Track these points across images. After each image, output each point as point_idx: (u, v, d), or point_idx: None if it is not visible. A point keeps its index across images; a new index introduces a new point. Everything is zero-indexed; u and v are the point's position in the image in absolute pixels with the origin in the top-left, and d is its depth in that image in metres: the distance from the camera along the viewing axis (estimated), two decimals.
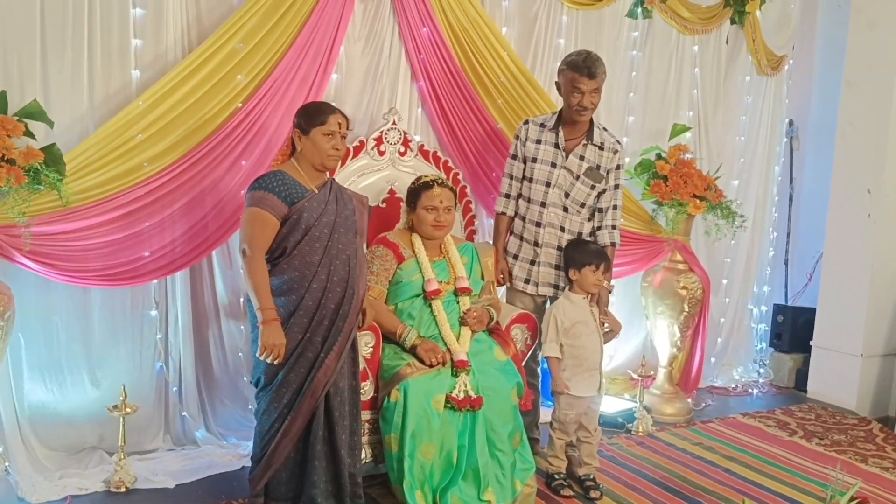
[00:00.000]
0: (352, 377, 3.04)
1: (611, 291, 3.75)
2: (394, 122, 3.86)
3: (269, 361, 2.84)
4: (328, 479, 2.96)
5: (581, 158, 3.68)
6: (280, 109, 3.57)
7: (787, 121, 5.73)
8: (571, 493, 3.46)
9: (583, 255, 3.54)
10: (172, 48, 3.46)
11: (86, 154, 3.19)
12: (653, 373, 4.62)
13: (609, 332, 3.64)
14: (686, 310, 4.53)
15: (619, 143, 3.77)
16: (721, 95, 5.25)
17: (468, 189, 4.13)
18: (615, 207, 3.76)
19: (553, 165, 3.68)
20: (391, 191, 3.84)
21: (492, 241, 3.92)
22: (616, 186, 3.74)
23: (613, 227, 3.76)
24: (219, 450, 3.66)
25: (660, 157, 4.60)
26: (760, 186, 5.56)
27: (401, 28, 3.93)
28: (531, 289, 3.77)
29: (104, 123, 3.27)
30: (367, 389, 3.24)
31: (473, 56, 4.04)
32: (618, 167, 3.73)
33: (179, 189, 3.41)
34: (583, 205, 3.72)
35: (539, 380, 3.98)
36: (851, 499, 2.44)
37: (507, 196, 3.81)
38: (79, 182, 3.17)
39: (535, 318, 3.69)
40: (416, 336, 3.29)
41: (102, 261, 3.30)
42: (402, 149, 3.88)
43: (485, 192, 4.23)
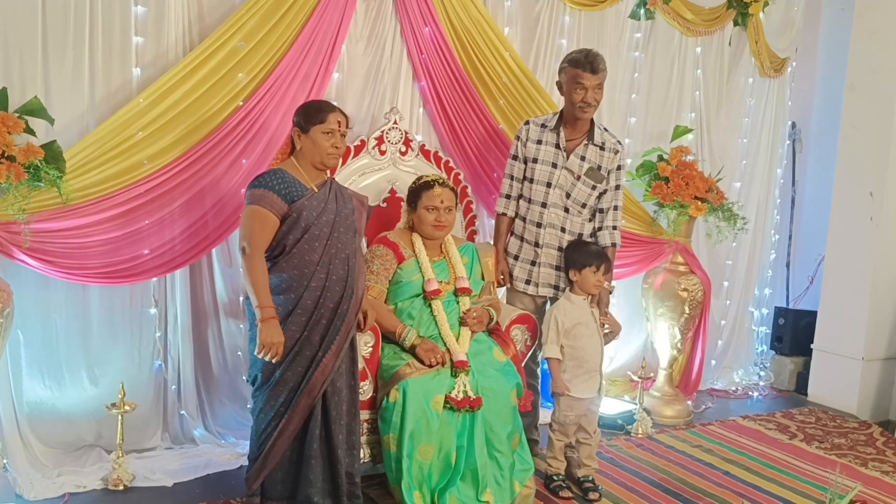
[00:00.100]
0: (350, 376, 3.03)
1: (611, 292, 3.75)
2: (395, 122, 3.85)
3: (268, 359, 2.84)
4: (325, 479, 2.95)
5: (582, 159, 3.67)
6: (281, 108, 3.56)
7: (790, 123, 5.72)
8: (570, 495, 3.45)
9: (583, 256, 3.53)
10: (174, 46, 3.45)
11: (86, 151, 3.19)
12: (653, 375, 4.61)
13: (609, 334, 3.64)
14: (687, 312, 4.52)
15: (620, 144, 3.76)
16: (723, 97, 5.23)
17: (469, 189, 4.12)
18: (616, 208, 3.75)
19: (554, 166, 3.67)
20: (392, 190, 3.83)
21: (492, 242, 3.91)
22: (617, 187, 3.74)
23: (614, 228, 3.75)
24: (217, 449, 3.66)
25: (661, 159, 4.59)
26: (762, 189, 5.54)
27: (403, 28, 3.93)
28: (531, 289, 3.76)
29: (105, 121, 3.27)
30: (367, 389, 3.23)
31: (475, 56, 4.03)
32: (619, 168, 3.72)
33: (179, 187, 3.40)
34: (584, 205, 3.71)
35: (539, 381, 3.97)
36: (851, 502, 2.43)
37: (508, 197, 3.80)
38: (79, 179, 3.16)
39: (536, 319, 3.68)
40: (416, 336, 3.28)
41: (102, 258, 3.30)
42: (404, 148, 3.88)
43: (486, 193, 4.22)
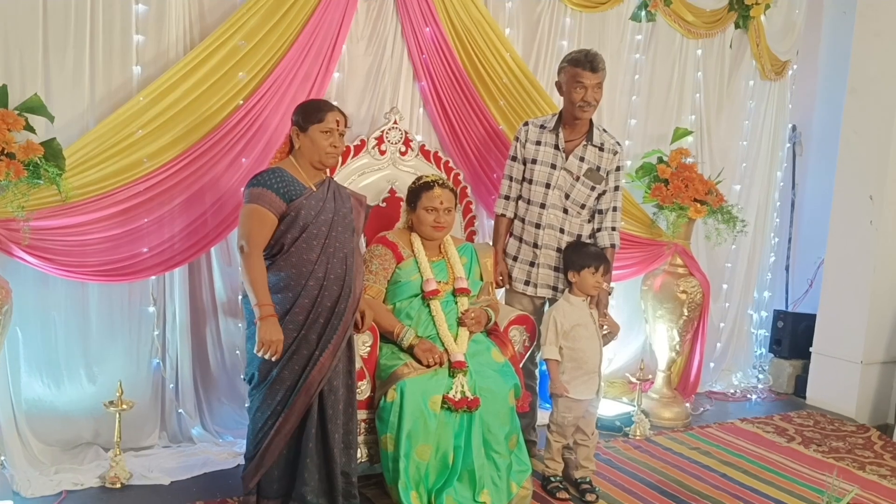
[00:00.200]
0: (347, 376, 3.03)
1: (610, 293, 3.75)
2: (395, 122, 3.85)
3: (267, 358, 2.84)
4: (320, 478, 2.95)
5: (581, 160, 3.67)
6: (281, 107, 3.56)
7: (791, 126, 5.72)
8: (567, 496, 3.45)
9: (582, 258, 3.53)
10: (174, 45, 3.45)
11: (86, 149, 3.19)
12: (651, 377, 4.61)
13: (608, 334, 3.63)
14: (685, 314, 4.52)
15: (619, 145, 3.75)
16: (724, 100, 5.23)
17: (469, 190, 4.12)
18: (615, 209, 3.75)
19: (553, 167, 3.67)
20: (391, 190, 3.83)
21: (491, 243, 3.91)
22: (616, 188, 3.74)
23: (613, 229, 3.75)
24: (214, 447, 3.66)
25: (661, 161, 4.59)
26: (762, 191, 5.55)
27: (403, 28, 3.93)
28: (530, 290, 3.76)
29: (105, 119, 3.27)
30: (364, 389, 3.23)
31: (476, 56, 4.03)
32: (618, 168, 3.72)
33: (179, 185, 3.40)
34: (583, 206, 3.71)
35: (537, 382, 3.97)
36: None
37: (507, 198, 3.80)
38: (78, 177, 3.16)
39: (534, 320, 3.68)
40: (414, 336, 3.28)
41: (101, 256, 3.30)
42: (403, 148, 3.88)
43: (485, 193, 4.22)
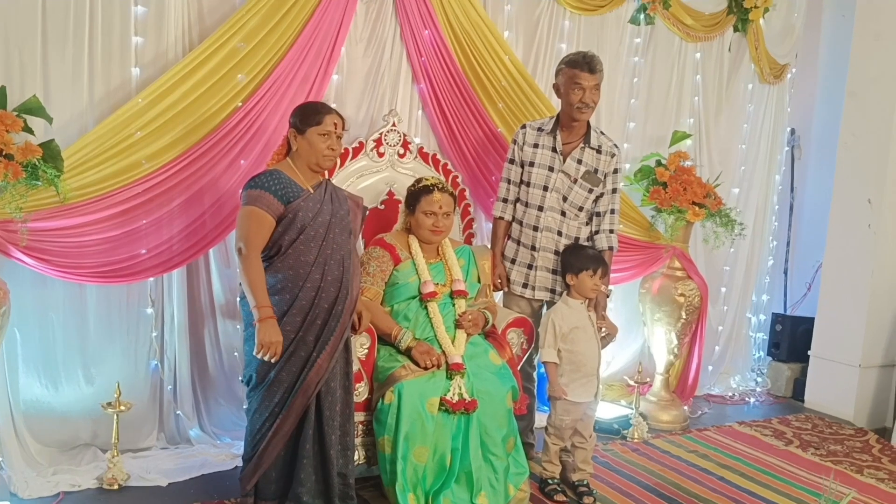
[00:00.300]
0: (344, 377, 3.03)
1: (608, 296, 3.75)
2: (394, 124, 3.86)
3: (267, 359, 2.84)
4: (317, 479, 2.96)
5: (578, 162, 3.67)
6: (280, 109, 3.56)
7: (789, 130, 5.73)
8: (565, 499, 3.45)
9: (580, 260, 3.53)
10: (173, 46, 3.46)
11: (84, 150, 3.19)
12: (649, 380, 4.61)
13: (606, 336, 3.63)
14: (683, 317, 4.52)
15: (617, 147, 3.76)
16: (723, 103, 5.24)
17: (467, 192, 4.12)
18: (613, 211, 3.75)
19: (550, 169, 3.67)
20: (390, 192, 3.84)
21: (489, 245, 3.91)
22: (614, 190, 3.74)
23: (611, 232, 3.75)
24: (212, 449, 3.66)
25: (660, 164, 4.59)
26: (761, 195, 5.55)
27: (402, 30, 3.94)
28: (528, 293, 3.76)
29: (103, 120, 3.27)
30: (362, 391, 3.23)
31: (475, 59, 4.04)
32: (615, 171, 3.72)
33: (177, 187, 3.40)
34: (580, 208, 3.71)
35: (535, 384, 3.97)
36: None
37: (505, 201, 3.80)
38: (77, 178, 3.16)
39: (532, 323, 3.68)
40: (412, 338, 3.29)
41: (99, 257, 3.30)
42: (402, 151, 3.88)
43: (484, 196, 4.22)
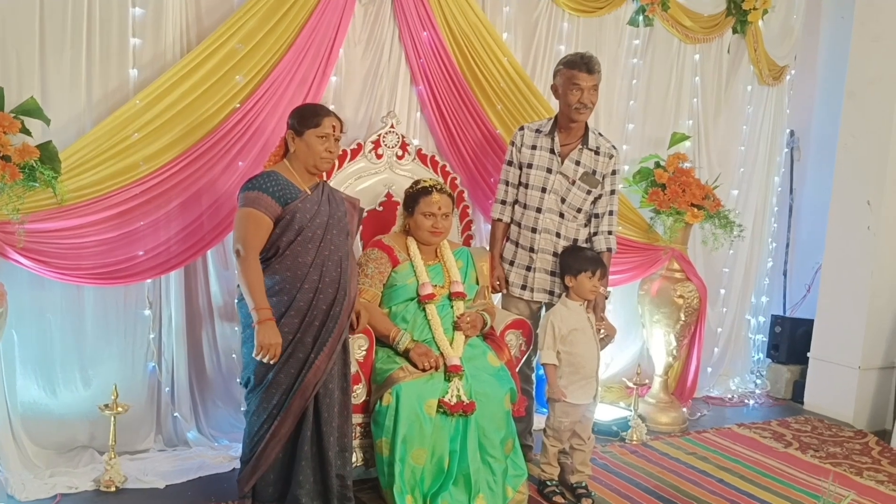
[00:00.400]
0: (342, 379, 3.03)
1: (607, 297, 3.74)
2: (392, 126, 3.85)
3: (266, 361, 2.84)
4: (315, 481, 2.96)
5: (577, 163, 3.67)
6: (278, 111, 3.56)
7: (788, 131, 5.73)
8: (563, 501, 3.44)
9: (579, 262, 3.52)
10: (171, 48, 3.45)
11: (82, 152, 3.19)
12: (648, 381, 4.60)
13: (605, 338, 3.62)
14: (682, 319, 4.51)
15: (615, 148, 3.76)
16: (722, 105, 5.23)
17: (466, 194, 4.12)
18: (611, 213, 3.75)
19: (549, 171, 3.67)
20: (388, 194, 3.84)
21: (488, 248, 3.91)
22: (612, 192, 3.74)
23: (610, 233, 3.74)
24: (210, 451, 3.65)
25: (658, 166, 4.59)
26: (760, 197, 5.54)
27: (401, 32, 3.93)
28: (527, 295, 3.76)
29: (101, 122, 3.26)
30: (360, 393, 3.23)
31: (473, 61, 4.03)
32: (613, 172, 3.72)
33: (175, 188, 3.40)
34: (579, 210, 3.71)
35: (533, 386, 3.96)
36: None
37: (504, 202, 3.80)
38: (74, 180, 3.16)
39: (530, 325, 3.67)
40: (410, 340, 3.29)
41: (97, 259, 3.29)
42: (400, 152, 3.88)
43: (483, 198, 4.21)
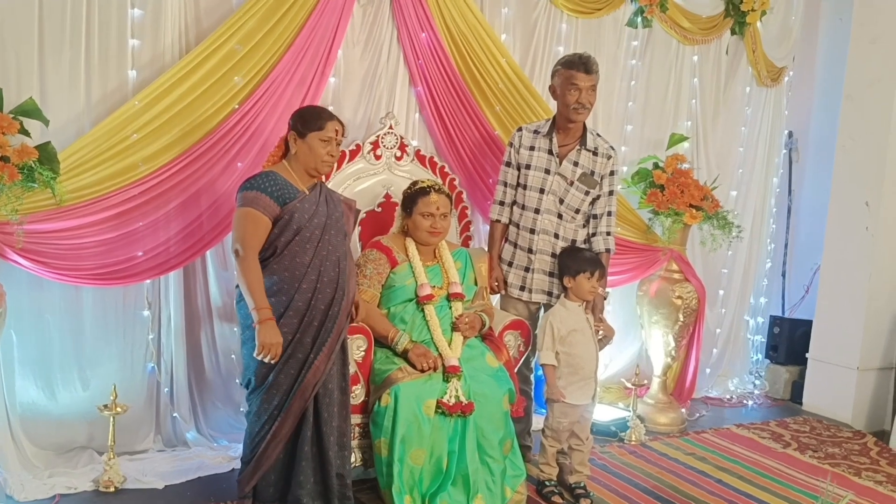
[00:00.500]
0: (341, 378, 3.04)
1: (605, 298, 3.75)
2: (391, 127, 3.86)
3: (267, 361, 2.84)
4: (316, 480, 2.96)
5: (575, 164, 3.67)
6: (276, 111, 3.57)
7: (787, 132, 5.73)
8: (562, 501, 3.44)
9: (577, 263, 3.52)
10: (170, 49, 3.46)
11: (81, 153, 3.19)
12: (647, 382, 4.60)
13: (603, 339, 3.62)
14: (681, 319, 4.51)
15: (613, 149, 3.76)
16: (720, 106, 5.24)
17: (464, 195, 4.12)
18: (610, 214, 3.75)
19: (547, 172, 3.67)
20: (387, 195, 3.84)
21: (486, 249, 3.91)
22: (610, 192, 3.74)
23: (608, 234, 3.74)
24: (209, 451, 3.65)
25: (657, 167, 4.59)
26: (759, 198, 5.55)
27: (399, 33, 3.94)
28: (525, 296, 3.76)
29: (100, 122, 3.26)
30: (359, 393, 3.24)
31: (472, 62, 4.04)
32: (612, 173, 3.72)
33: (174, 189, 3.40)
34: (577, 211, 3.71)
35: (532, 387, 3.96)
36: None
37: (502, 203, 3.80)
38: (73, 181, 3.16)
39: (529, 325, 3.67)
40: (408, 340, 3.29)
41: (95, 259, 3.30)
42: (399, 153, 3.88)
43: (481, 198, 4.22)
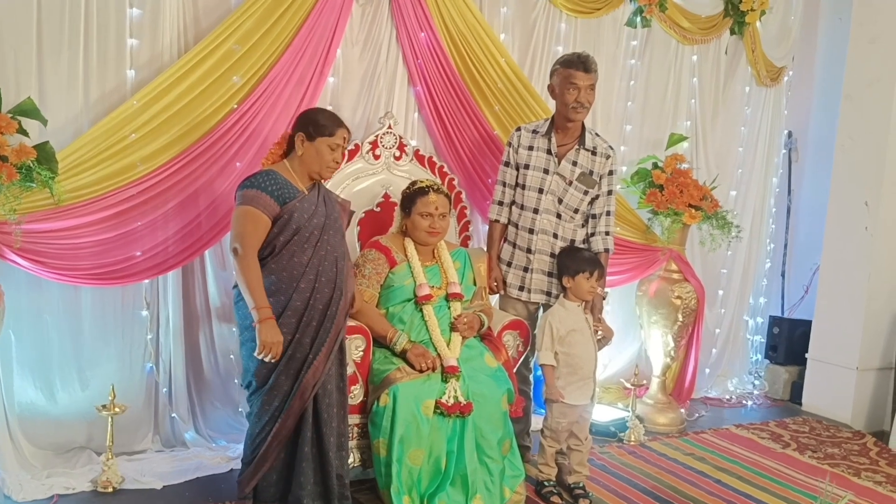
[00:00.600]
0: (339, 378, 3.04)
1: (605, 298, 3.74)
2: (390, 127, 3.85)
3: (267, 360, 2.84)
4: (316, 481, 2.96)
5: (573, 164, 3.67)
6: (275, 111, 3.56)
7: (786, 132, 5.73)
8: (560, 501, 3.44)
9: (576, 263, 3.52)
10: (168, 49, 3.45)
11: (79, 152, 3.19)
12: (646, 382, 4.59)
13: (602, 340, 3.62)
14: (680, 319, 4.51)
15: (612, 149, 3.75)
16: (720, 106, 5.24)
17: (463, 195, 4.11)
18: (608, 213, 3.74)
19: (545, 171, 3.66)
20: (386, 195, 3.83)
21: (485, 249, 3.90)
22: (609, 192, 3.73)
23: (607, 234, 3.74)
24: (208, 452, 3.65)
25: (656, 167, 4.59)
26: (758, 198, 5.55)
27: (398, 32, 3.93)
28: (525, 296, 3.76)
29: (98, 122, 3.26)
30: (357, 393, 3.23)
31: (471, 62, 4.03)
32: (610, 172, 3.72)
33: (172, 189, 3.40)
34: (576, 211, 3.70)
35: (531, 387, 3.96)
36: None
37: (501, 203, 3.79)
38: (71, 180, 3.16)
39: (528, 325, 3.67)
40: (407, 340, 3.29)
41: (94, 259, 3.29)
42: (398, 153, 3.88)
43: (480, 198, 4.21)
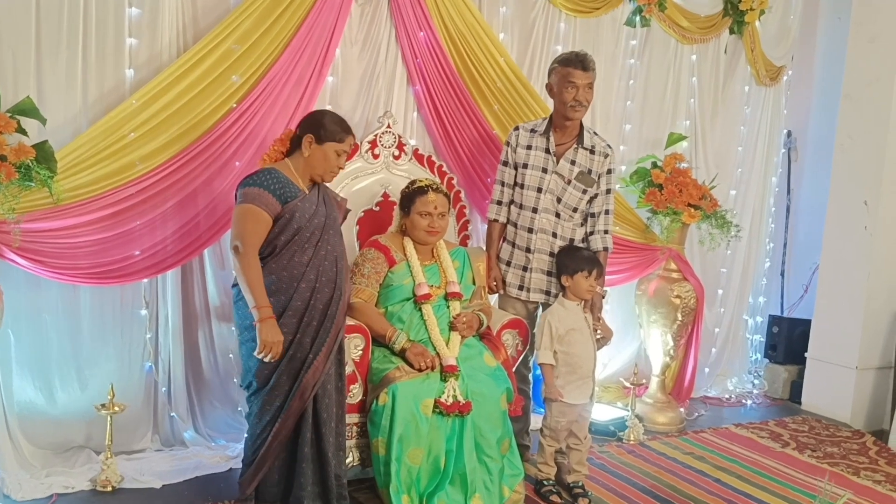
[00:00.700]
0: (338, 378, 3.04)
1: (604, 297, 3.74)
2: (389, 126, 3.85)
3: (268, 360, 2.84)
4: (315, 482, 2.96)
5: (572, 163, 3.67)
6: (274, 111, 3.56)
7: (786, 132, 5.73)
8: (560, 500, 3.44)
9: (575, 262, 3.52)
10: (167, 48, 3.45)
11: (78, 151, 3.19)
12: (645, 381, 4.59)
13: (601, 339, 3.62)
14: (679, 318, 4.51)
15: (610, 148, 3.75)
16: (719, 105, 5.24)
17: (462, 194, 4.11)
18: (607, 212, 3.74)
19: (544, 171, 3.66)
20: (385, 194, 3.83)
21: (485, 248, 3.90)
22: (608, 191, 3.73)
23: (606, 232, 3.74)
24: (207, 451, 3.65)
25: (655, 166, 4.59)
26: (758, 197, 5.55)
27: (398, 32, 3.93)
28: (524, 295, 3.76)
29: (97, 121, 3.26)
30: (356, 392, 3.23)
31: (470, 61, 4.03)
32: (609, 171, 3.72)
33: (171, 188, 3.40)
34: (575, 210, 3.70)
35: (530, 386, 3.96)
36: None
37: (499, 203, 3.79)
38: (70, 179, 3.15)
39: (527, 324, 3.67)
40: (406, 340, 3.29)
41: (92, 258, 3.29)
42: (397, 152, 3.88)
43: (479, 198, 4.21)
